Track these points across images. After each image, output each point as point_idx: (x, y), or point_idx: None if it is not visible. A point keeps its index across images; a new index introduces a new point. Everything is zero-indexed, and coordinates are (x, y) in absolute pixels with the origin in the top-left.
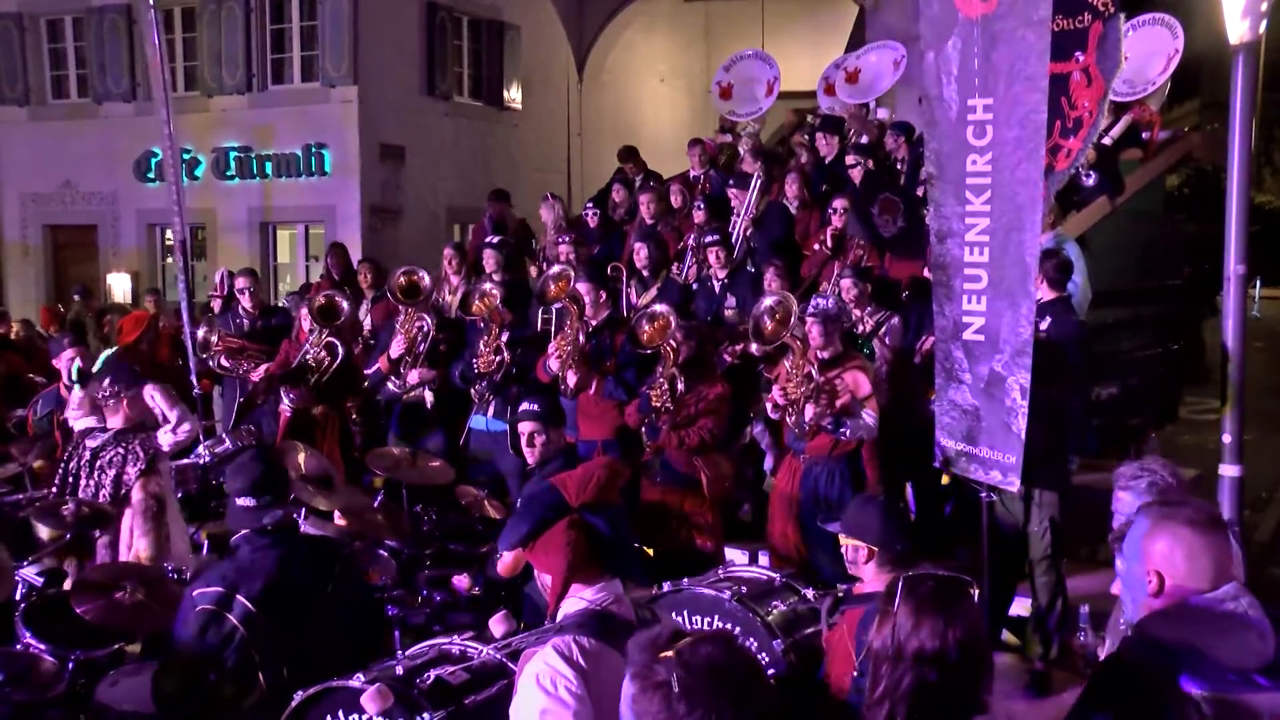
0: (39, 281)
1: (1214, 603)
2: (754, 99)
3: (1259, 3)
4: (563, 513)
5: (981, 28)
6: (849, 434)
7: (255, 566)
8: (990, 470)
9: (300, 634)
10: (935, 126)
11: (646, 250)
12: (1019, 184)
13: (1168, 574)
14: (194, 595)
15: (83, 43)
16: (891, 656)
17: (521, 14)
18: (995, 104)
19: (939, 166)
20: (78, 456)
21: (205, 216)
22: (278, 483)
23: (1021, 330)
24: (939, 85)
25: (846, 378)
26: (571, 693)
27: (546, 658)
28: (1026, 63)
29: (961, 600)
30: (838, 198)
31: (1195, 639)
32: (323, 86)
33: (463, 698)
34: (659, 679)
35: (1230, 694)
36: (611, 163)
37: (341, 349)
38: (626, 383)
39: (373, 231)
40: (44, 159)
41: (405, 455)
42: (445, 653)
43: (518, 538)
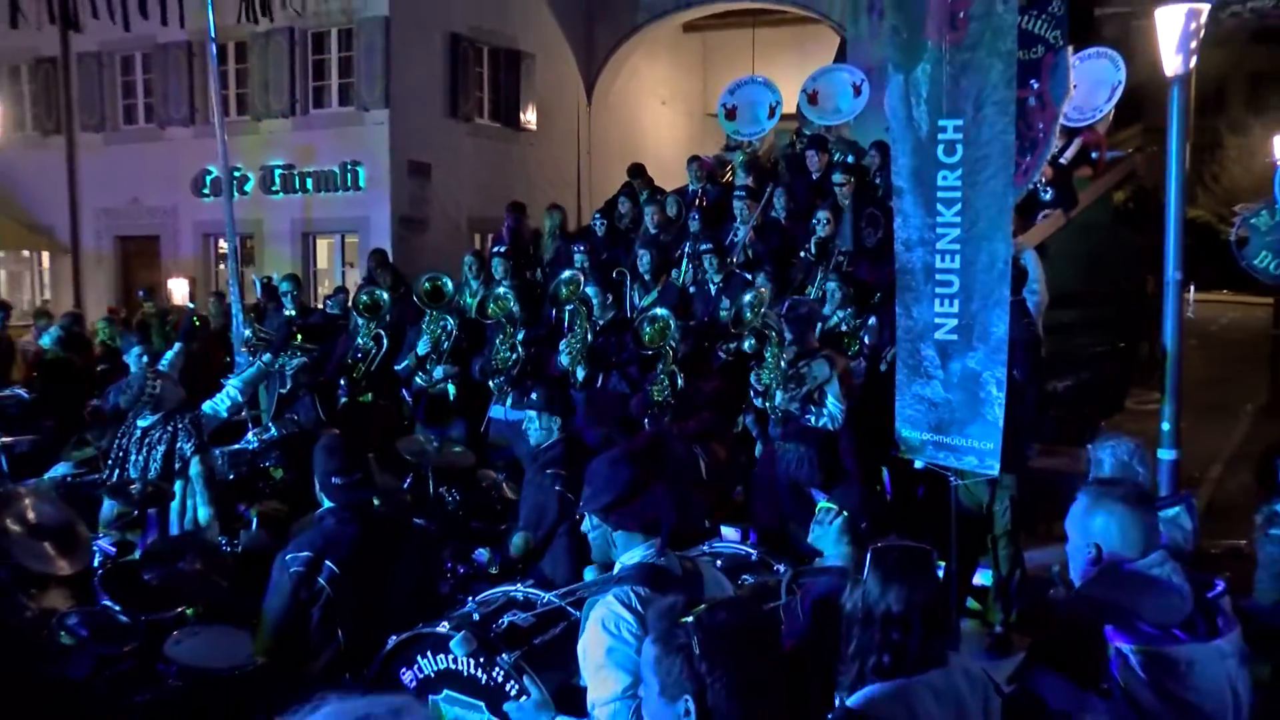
0: (110, 286)
1: (1143, 569)
2: (757, 120)
3: (1189, 40)
4: (651, 472)
5: (950, 55)
6: (814, 420)
7: (340, 537)
8: (964, 457)
9: (375, 595)
10: (904, 144)
11: (649, 256)
12: (990, 197)
13: (1104, 545)
14: (286, 559)
15: (150, 75)
16: (861, 619)
17: (536, 44)
18: (965, 125)
19: (908, 181)
20: (129, 434)
21: (253, 227)
22: (365, 462)
23: (995, 329)
24: (908, 106)
25: (813, 367)
26: (632, 633)
27: (610, 604)
28: (996, 89)
29: (923, 568)
30: (822, 209)
31: (1125, 600)
32: (358, 110)
33: (532, 638)
34: (680, 642)
35: (1155, 646)
36: (617, 178)
37: (387, 340)
38: (630, 376)
39: (401, 240)
40: (115, 178)
41: (431, 442)
42: (512, 599)
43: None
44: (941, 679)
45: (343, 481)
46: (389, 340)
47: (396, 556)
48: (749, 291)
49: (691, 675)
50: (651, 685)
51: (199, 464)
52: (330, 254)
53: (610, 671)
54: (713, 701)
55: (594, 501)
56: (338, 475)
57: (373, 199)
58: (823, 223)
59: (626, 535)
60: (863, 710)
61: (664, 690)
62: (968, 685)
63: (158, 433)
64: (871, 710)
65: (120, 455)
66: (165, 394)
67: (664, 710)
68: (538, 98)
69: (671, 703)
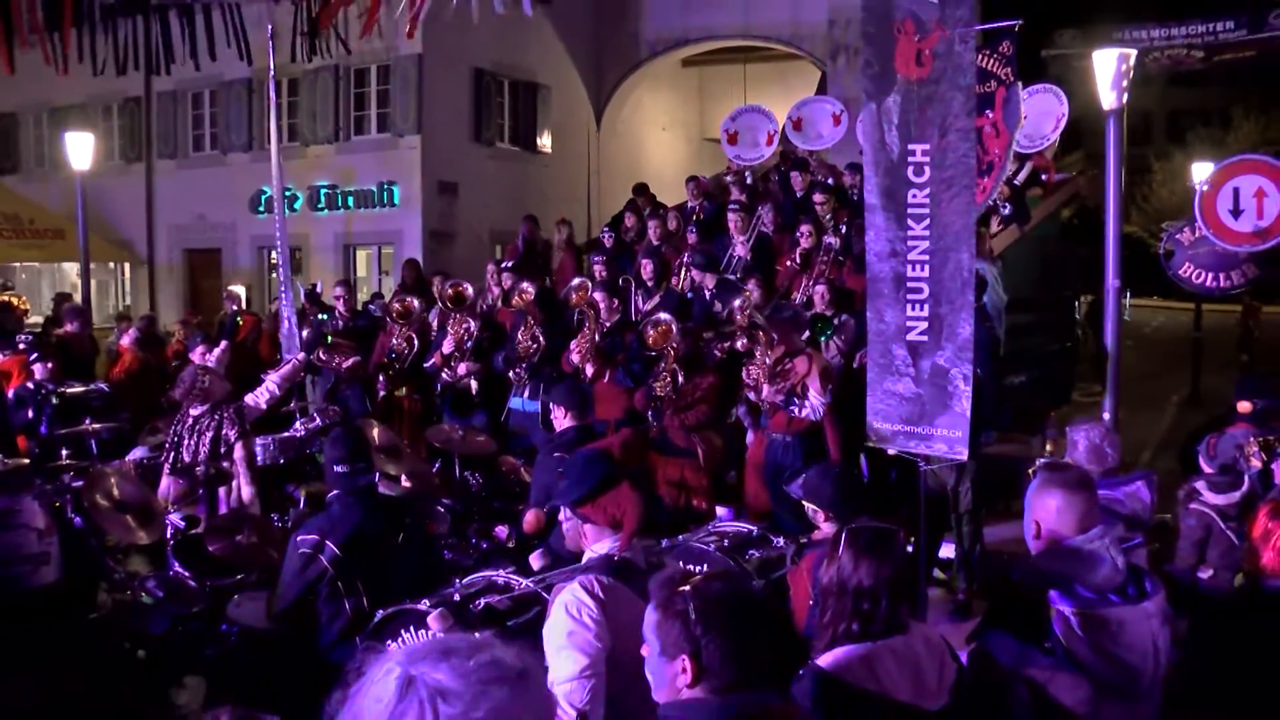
0: (179, 292)
1: (1083, 543)
2: (756, 145)
3: (1121, 79)
4: (620, 473)
5: (917, 88)
6: (797, 410)
7: (342, 521)
8: (934, 445)
9: (377, 572)
10: (878, 166)
11: (652, 265)
12: (954, 214)
13: (1044, 522)
14: (297, 539)
15: (215, 109)
16: (836, 591)
17: (551, 76)
18: (930, 150)
19: (881, 198)
20: (183, 421)
21: (301, 240)
22: (367, 452)
23: (961, 331)
24: (881, 131)
25: (796, 363)
26: (593, 619)
27: (574, 590)
28: (957, 118)
29: (892, 547)
30: (804, 224)
31: (1066, 569)
32: (393, 136)
33: (506, 620)
34: (678, 608)
35: (1090, 610)
36: (623, 196)
37: (418, 341)
38: (634, 373)
39: (431, 251)
40: (184, 198)
41: (457, 431)
42: (493, 583)
43: (580, 494)
44: (902, 644)
45: (345, 470)
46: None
47: (397, 537)
48: (738, 297)
49: (688, 637)
50: (653, 646)
51: (242, 449)
52: (369, 263)
53: (569, 653)
54: (707, 661)
55: (565, 495)
56: (340, 464)
57: (406, 214)
58: (805, 235)
59: (596, 528)
60: (832, 670)
61: (663, 650)
62: (925, 650)
63: (206, 421)
64: (839, 670)
65: (176, 440)
66: (213, 387)
67: (664, 668)
68: (552, 124)
69: (670, 661)
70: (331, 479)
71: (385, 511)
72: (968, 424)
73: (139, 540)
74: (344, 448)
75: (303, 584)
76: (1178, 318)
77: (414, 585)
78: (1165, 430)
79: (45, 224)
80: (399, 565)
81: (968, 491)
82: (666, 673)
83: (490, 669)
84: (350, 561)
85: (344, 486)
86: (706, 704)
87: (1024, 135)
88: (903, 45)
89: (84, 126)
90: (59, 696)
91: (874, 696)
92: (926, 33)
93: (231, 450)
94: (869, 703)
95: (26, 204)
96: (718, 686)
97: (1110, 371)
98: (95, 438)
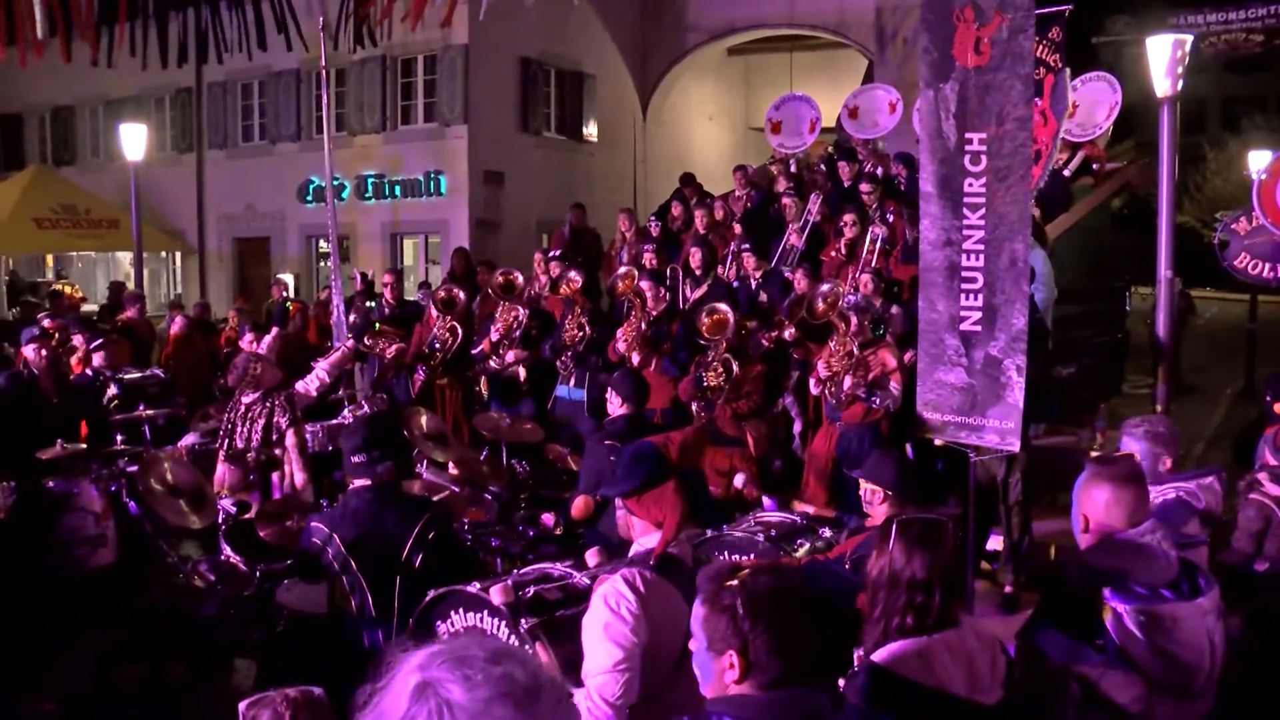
0: (229, 281)
1: (1135, 536)
2: (799, 134)
3: (1177, 65)
4: (668, 472)
5: (975, 76)
6: (879, 402)
7: (354, 516)
8: (986, 435)
9: (383, 571)
10: (934, 154)
11: (701, 254)
12: (1010, 203)
13: (1092, 516)
14: (312, 525)
15: (265, 99)
16: (887, 584)
17: (597, 66)
18: (988, 139)
19: (938, 187)
20: (235, 408)
21: (349, 229)
22: (384, 441)
23: (1015, 321)
24: (937, 119)
25: (879, 355)
26: (630, 612)
27: (615, 583)
28: (1015, 107)
29: (943, 539)
30: (848, 213)
31: (1119, 564)
32: (440, 126)
33: (554, 610)
34: (726, 603)
35: (1149, 606)
36: (669, 185)
37: (461, 331)
38: (680, 361)
39: (478, 240)
40: (234, 188)
41: (504, 420)
42: (547, 574)
43: (628, 489)
44: (955, 638)
45: (360, 460)
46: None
47: (409, 536)
48: (825, 284)
49: (735, 632)
50: (701, 640)
51: (294, 436)
52: (416, 252)
53: (605, 645)
54: (754, 656)
55: (613, 489)
56: (355, 454)
57: (453, 204)
58: (849, 225)
59: (642, 522)
60: (887, 665)
61: (711, 645)
62: (978, 643)
63: (258, 408)
64: (895, 665)
65: (230, 427)
66: (264, 375)
67: (711, 663)
68: (598, 114)
69: (718, 656)
70: (348, 469)
71: (403, 510)
72: (1020, 415)
73: (192, 525)
74: (359, 437)
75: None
76: (1230, 309)
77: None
78: (1219, 423)
79: (100, 214)
80: (410, 569)
81: (1017, 483)
82: (714, 668)
83: (501, 683)
84: (355, 559)
85: (360, 476)
86: (754, 700)
87: (1075, 124)
88: (962, 33)
89: (137, 118)
90: (115, 675)
91: (930, 691)
92: (986, 20)
93: (283, 437)
94: (925, 697)
95: (83, 194)
96: (765, 682)
97: (1163, 362)
98: (150, 424)
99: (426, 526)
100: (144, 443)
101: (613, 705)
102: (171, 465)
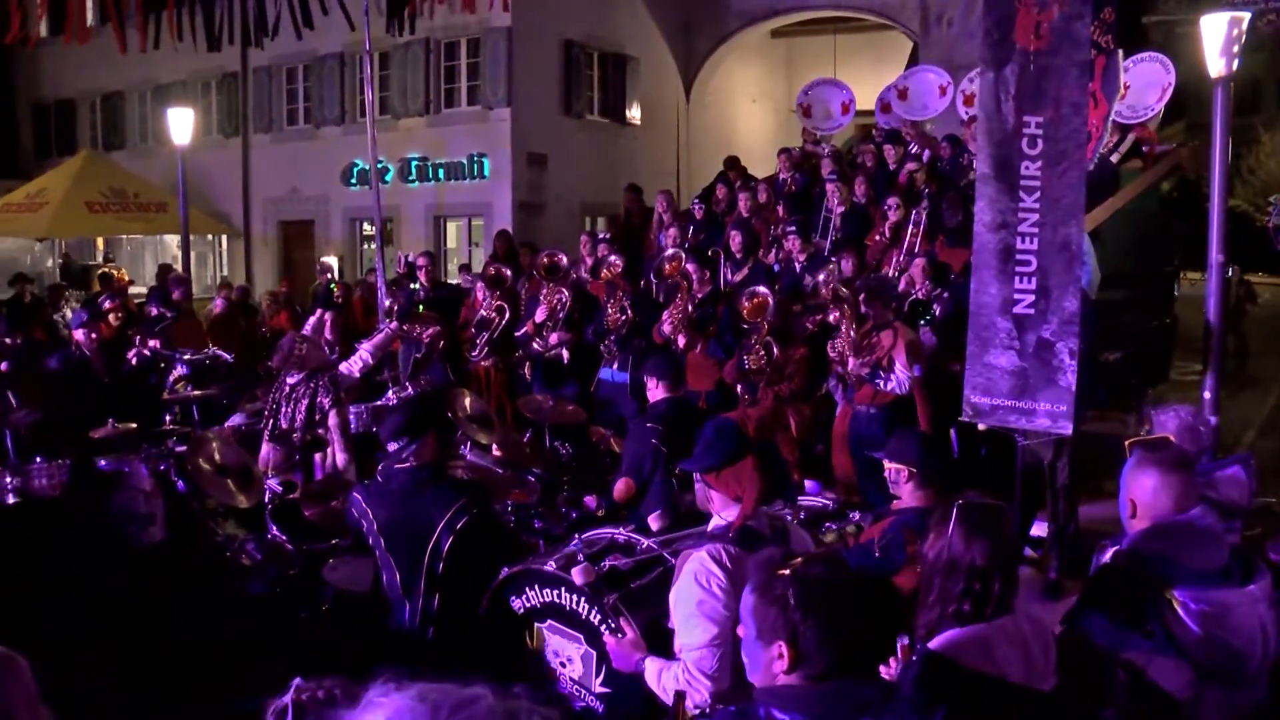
0: (273, 263)
1: (1190, 520)
2: (832, 116)
3: (1233, 44)
4: (747, 447)
5: (1034, 60)
6: (883, 384)
7: (389, 496)
8: (1036, 420)
9: (416, 552)
10: (992, 136)
11: (740, 237)
12: (1066, 188)
13: (1139, 501)
14: (352, 496)
15: (309, 83)
16: (945, 570)
17: (640, 49)
18: (1045, 122)
19: (994, 169)
20: (280, 389)
21: (393, 212)
22: (422, 425)
23: (1068, 305)
24: (997, 100)
25: (882, 337)
26: (721, 588)
27: (702, 560)
28: (1072, 91)
29: (1003, 524)
30: (891, 197)
31: (1169, 550)
32: (484, 109)
33: (629, 582)
34: (777, 593)
35: (1198, 594)
36: (712, 167)
37: (509, 311)
38: (725, 344)
39: (521, 223)
40: (279, 171)
41: (548, 402)
42: (614, 541)
43: (709, 465)
44: (1012, 625)
45: (398, 443)
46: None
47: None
48: (822, 270)
49: (786, 623)
50: (750, 628)
51: (337, 417)
52: (459, 235)
53: (699, 621)
54: (804, 647)
55: (694, 464)
56: (393, 437)
57: (496, 186)
58: (893, 209)
59: (721, 496)
60: (946, 652)
61: (760, 634)
62: (1032, 630)
63: (302, 389)
64: (953, 653)
65: (274, 408)
66: (309, 356)
67: (760, 652)
68: (642, 96)
69: (766, 646)
70: (386, 455)
71: (440, 494)
72: (1073, 399)
73: (239, 504)
74: (396, 421)
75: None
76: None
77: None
78: (1269, 411)
79: (149, 197)
80: (438, 554)
81: (1064, 468)
82: (762, 657)
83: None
84: (384, 540)
85: (397, 458)
86: (803, 691)
87: (1125, 105)
88: (1023, 16)
89: (184, 103)
90: (166, 650)
91: (990, 679)
92: (1045, 6)
93: (326, 418)
94: (984, 685)
95: (131, 178)
96: (814, 674)
97: (1213, 348)
98: (198, 404)
99: (460, 512)
100: (192, 423)
101: (710, 678)
102: (219, 445)
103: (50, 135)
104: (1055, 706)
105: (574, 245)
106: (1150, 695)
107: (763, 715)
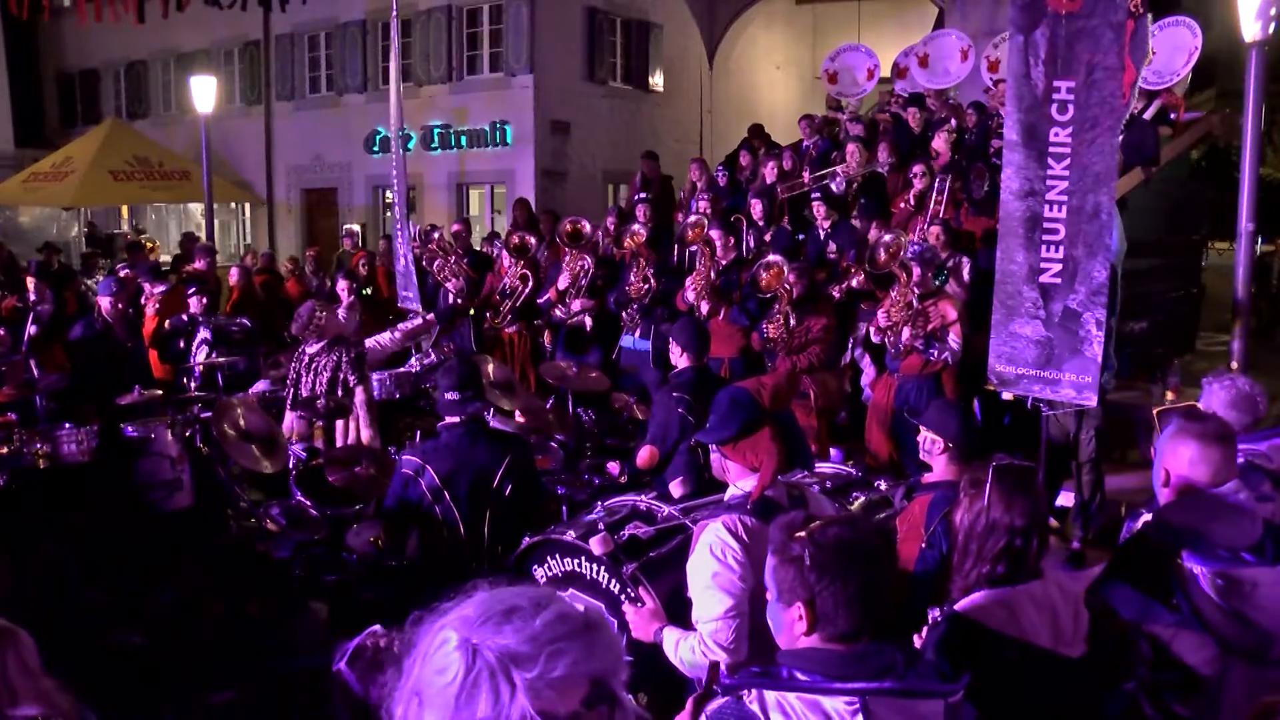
0: (297, 231)
1: (1221, 495)
2: (856, 83)
3: (1269, 6)
4: (763, 418)
5: (1067, 22)
6: (936, 355)
7: (447, 450)
8: (1061, 390)
9: (476, 504)
10: (1021, 101)
11: (760, 206)
12: (1097, 154)
13: (1174, 471)
14: (404, 459)
15: (331, 51)
16: (982, 532)
17: (664, 15)
18: (1076, 87)
19: (1022, 135)
20: (300, 358)
21: (415, 180)
22: (476, 382)
23: (1096, 275)
24: (1026, 65)
25: (939, 306)
26: (737, 560)
27: (718, 531)
28: (1106, 55)
29: (1036, 484)
30: (917, 164)
31: (1198, 523)
32: (506, 76)
33: (649, 551)
34: (794, 554)
35: (1228, 569)
36: (736, 135)
37: (532, 279)
38: (749, 311)
39: (544, 190)
40: (302, 139)
41: (571, 368)
42: (636, 509)
43: (725, 436)
44: (1040, 589)
45: (455, 398)
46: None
47: (499, 470)
48: (886, 234)
49: (803, 584)
50: (771, 590)
51: (363, 393)
52: (481, 203)
53: (715, 593)
54: (821, 609)
55: (709, 435)
56: (450, 391)
57: (519, 154)
58: (918, 176)
59: (738, 466)
60: (972, 614)
61: (780, 596)
62: (1060, 596)
63: (322, 359)
64: (978, 615)
65: (295, 376)
66: (328, 324)
67: (781, 614)
68: (665, 63)
69: (786, 607)
70: (442, 406)
71: (492, 444)
72: (1099, 369)
73: (264, 469)
74: (455, 375)
75: (400, 504)
76: None
77: (517, 520)
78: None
79: (172, 166)
80: (500, 499)
81: (1090, 439)
82: (784, 619)
83: (558, 625)
84: (448, 491)
85: (453, 413)
86: (823, 653)
87: (1151, 71)
88: None
89: (207, 71)
90: (193, 613)
91: (1015, 642)
92: None
93: (351, 393)
94: (1010, 648)
95: (155, 147)
96: (834, 635)
97: (1241, 317)
98: (223, 371)
99: (515, 457)
100: (217, 389)
101: (727, 650)
102: (244, 411)
103: (75, 105)
104: (1080, 674)
105: (596, 213)
106: (1174, 669)
107: (785, 676)
